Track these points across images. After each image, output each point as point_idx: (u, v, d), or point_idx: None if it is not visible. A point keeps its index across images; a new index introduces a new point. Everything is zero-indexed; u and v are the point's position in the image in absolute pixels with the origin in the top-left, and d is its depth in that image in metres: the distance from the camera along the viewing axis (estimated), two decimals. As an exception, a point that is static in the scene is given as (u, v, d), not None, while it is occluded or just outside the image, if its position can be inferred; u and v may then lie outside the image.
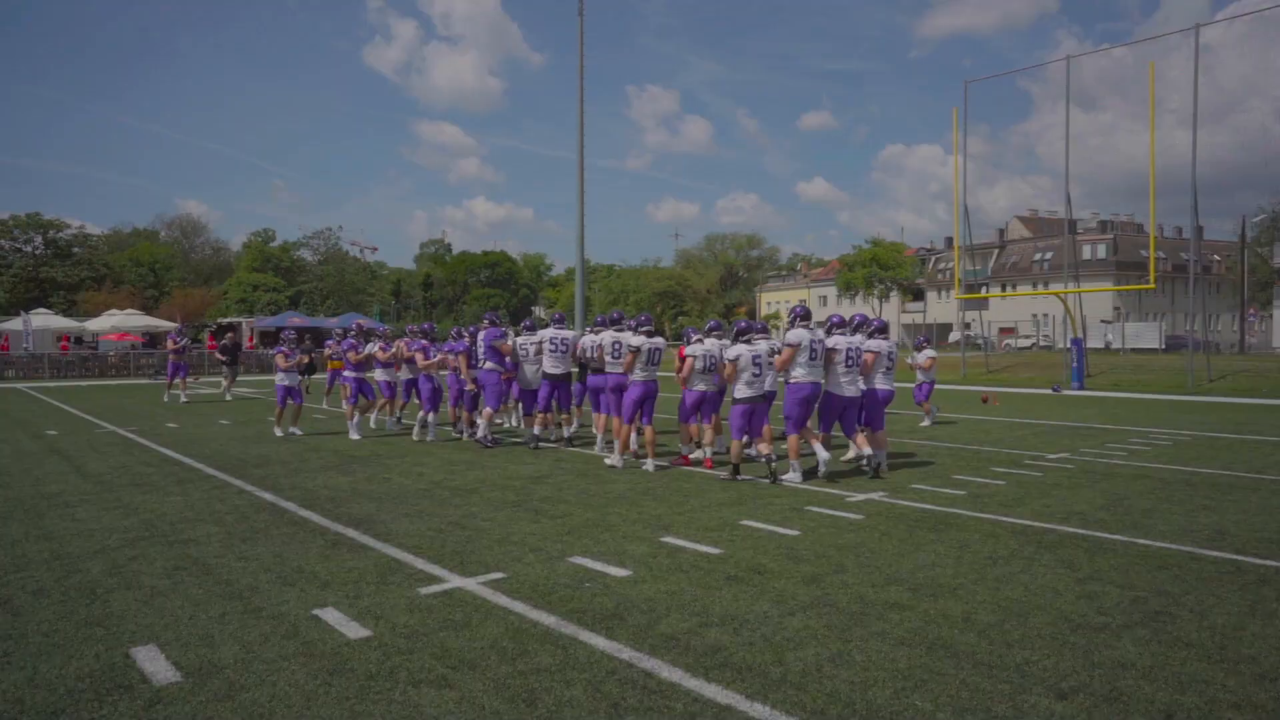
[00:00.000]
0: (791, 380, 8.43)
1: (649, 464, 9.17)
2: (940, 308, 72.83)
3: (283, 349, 13.09)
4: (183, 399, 19.31)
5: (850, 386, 8.68)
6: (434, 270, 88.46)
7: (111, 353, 33.43)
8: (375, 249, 78.73)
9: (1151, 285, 24.91)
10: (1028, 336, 58.48)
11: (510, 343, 11.43)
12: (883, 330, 9.27)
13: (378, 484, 8.35)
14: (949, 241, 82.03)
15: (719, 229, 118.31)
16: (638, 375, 9.36)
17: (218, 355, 23.56)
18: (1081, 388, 23.87)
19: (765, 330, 9.23)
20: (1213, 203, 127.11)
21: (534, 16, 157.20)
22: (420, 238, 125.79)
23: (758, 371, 8.50)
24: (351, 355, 12.58)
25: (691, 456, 9.79)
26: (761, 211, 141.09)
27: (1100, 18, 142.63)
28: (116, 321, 37.14)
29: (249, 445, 11.56)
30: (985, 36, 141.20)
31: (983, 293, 68.69)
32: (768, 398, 9.00)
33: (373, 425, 13.56)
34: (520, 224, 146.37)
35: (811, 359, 8.41)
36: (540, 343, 11.08)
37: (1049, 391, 23.44)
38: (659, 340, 9.62)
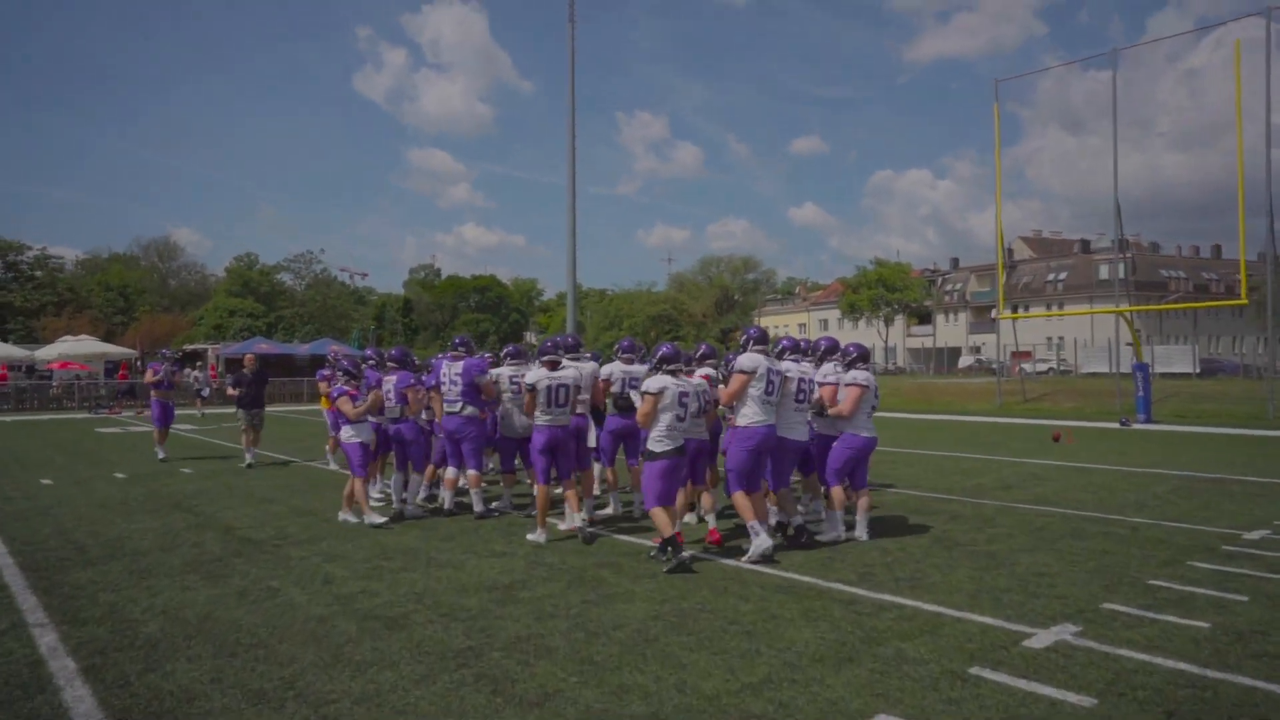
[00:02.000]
0: (740, 423, 6.51)
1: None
2: (949, 331, 70.13)
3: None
4: (160, 455, 13.49)
5: (799, 427, 6.91)
6: (422, 295, 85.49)
7: (54, 384, 30.22)
8: (365, 275, 76.23)
9: (1243, 301, 21.97)
10: (1044, 361, 55.62)
11: (493, 379, 8.45)
12: (863, 359, 7.38)
13: (253, 601, 5.26)
14: (954, 262, 79.58)
15: (711, 253, 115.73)
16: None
17: (229, 390, 17.00)
18: (1149, 420, 20.90)
19: (712, 357, 7.92)
20: (1218, 224, 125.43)
21: (523, 44, 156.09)
22: (411, 263, 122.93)
23: (681, 415, 6.41)
24: (345, 405, 8.10)
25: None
26: (752, 236, 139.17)
27: (1086, 43, 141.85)
28: (64, 349, 33.88)
29: (122, 516, 8.45)
30: (972, 61, 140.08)
31: (1018, 312, 66.05)
32: (703, 448, 7.28)
33: (403, 507, 8.68)
34: (511, 250, 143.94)
35: (768, 394, 6.52)
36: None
37: (1116, 425, 20.45)
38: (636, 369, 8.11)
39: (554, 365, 7.49)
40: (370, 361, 9.59)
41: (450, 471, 8.59)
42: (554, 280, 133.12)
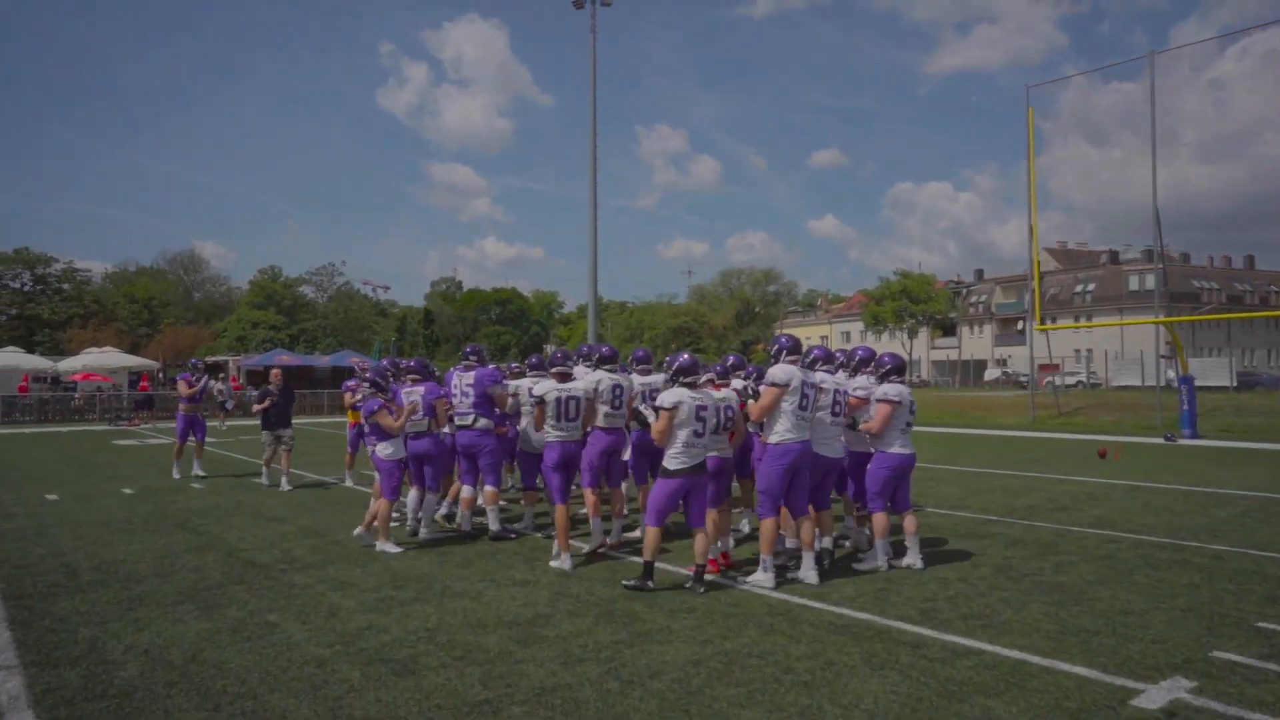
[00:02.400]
0: (772, 440, 5.99)
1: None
2: (973, 343, 69.02)
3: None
4: (199, 471, 12.60)
5: (833, 443, 6.52)
6: (443, 307, 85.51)
7: (76, 395, 30.11)
8: (388, 288, 76.40)
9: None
10: (1073, 374, 54.41)
11: (509, 390, 7.93)
12: (898, 371, 6.81)
13: (247, 639, 4.73)
14: (978, 274, 78.45)
15: (731, 266, 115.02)
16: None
17: (254, 406, 14.08)
18: (1195, 435, 20.02)
19: (741, 368, 7.33)
20: (1248, 235, 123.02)
21: (542, 59, 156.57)
22: (432, 277, 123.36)
23: (699, 431, 5.86)
24: (385, 419, 7.44)
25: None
26: (771, 249, 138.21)
27: (1108, 55, 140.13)
28: (88, 361, 33.85)
29: (124, 536, 7.99)
30: (993, 73, 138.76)
31: (1049, 324, 64.73)
32: (725, 466, 6.58)
33: (418, 529, 8.08)
34: (531, 263, 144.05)
35: (802, 408, 6.01)
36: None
37: (1161, 441, 19.59)
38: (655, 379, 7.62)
39: (564, 376, 7.02)
40: (389, 372, 9.10)
41: (466, 490, 8.08)
42: (574, 292, 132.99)
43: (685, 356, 6.11)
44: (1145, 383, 43.57)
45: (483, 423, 7.74)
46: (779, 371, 5.99)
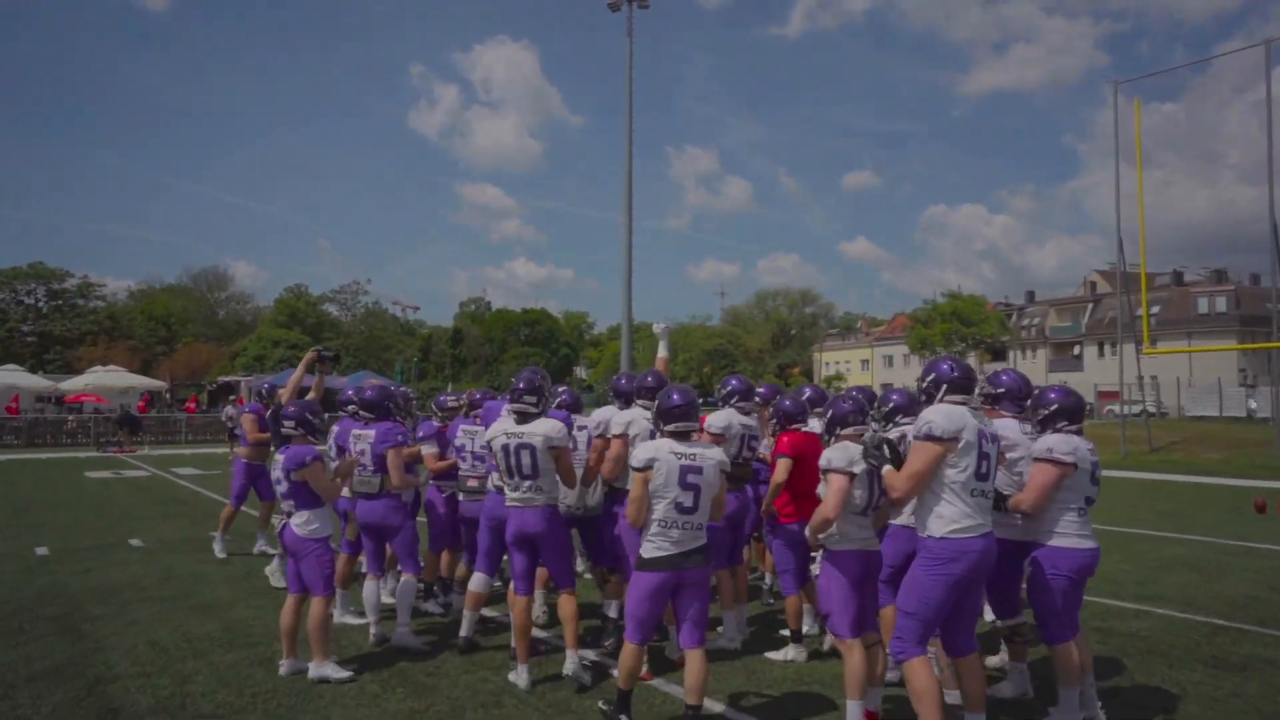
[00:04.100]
0: (932, 532, 3.77)
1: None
2: (1026, 369, 65.43)
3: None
4: (266, 547, 8.55)
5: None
6: (471, 328, 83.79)
7: (70, 417, 28.10)
8: (417, 308, 74.64)
9: None
10: (1136, 402, 50.74)
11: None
12: (1071, 415, 4.34)
13: None
14: (1029, 296, 75.01)
15: (763, 288, 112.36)
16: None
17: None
18: (1343, 481, 16.89)
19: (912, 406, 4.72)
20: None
21: (572, 80, 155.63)
22: (461, 298, 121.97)
23: (686, 504, 4.09)
24: (318, 477, 5.02)
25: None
26: (804, 271, 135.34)
27: (1149, 69, 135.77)
28: (90, 380, 31.91)
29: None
30: (1029, 92, 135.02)
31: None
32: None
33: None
34: (561, 284, 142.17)
35: (980, 477, 3.78)
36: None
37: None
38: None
39: (522, 415, 4.90)
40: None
41: (478, 579, 5.46)
42: (604, 314, 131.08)
43: (667, 387, 4.49)
44: (1224, 413, 40.21)
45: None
46: (940, 417, 3.71)
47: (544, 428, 4.82)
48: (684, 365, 76.61)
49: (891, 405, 4.89)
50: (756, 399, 5.94)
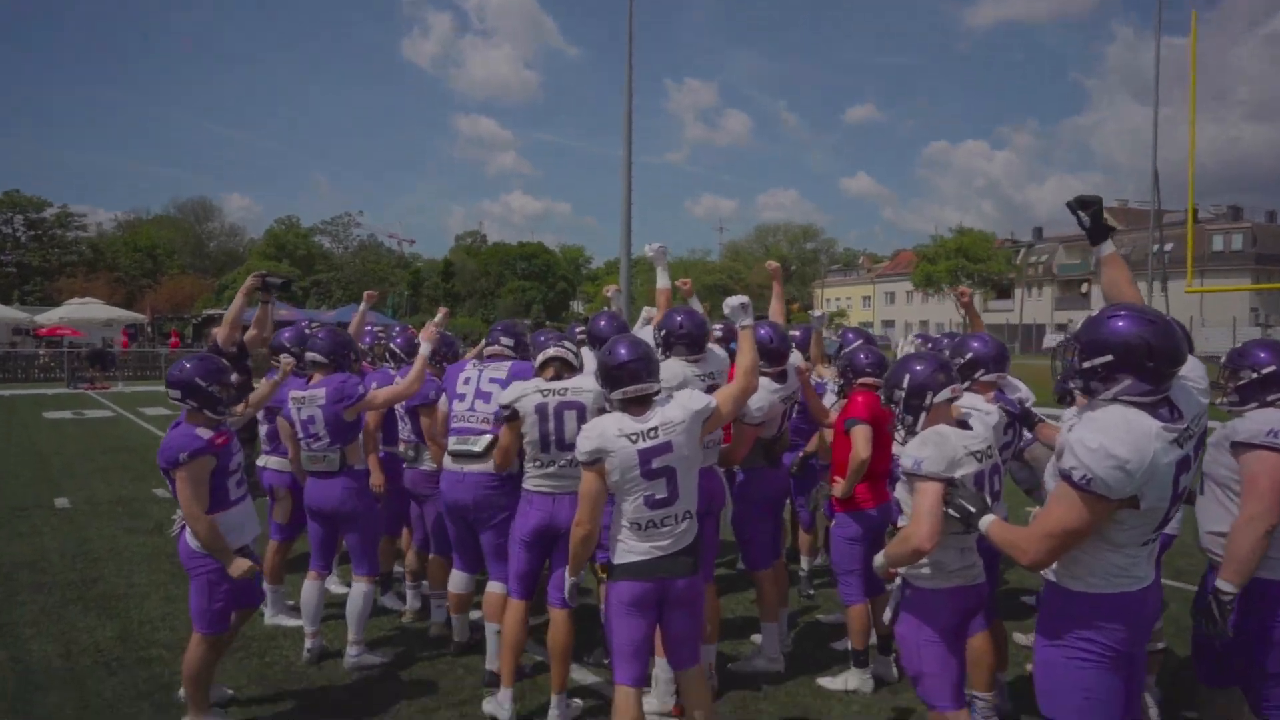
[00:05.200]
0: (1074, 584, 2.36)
1: None
2: (1031, 307, 64.05)
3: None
4: (285, 620, 5.04)
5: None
6: (467, 261, 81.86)
7: (43, 352, 26.81)
8: (413, 242, 72.75)
9: None
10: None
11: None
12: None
13: None
14: (1037, 233, 73.15)
15: (764, 222, 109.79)
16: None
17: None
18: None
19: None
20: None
21: (568, 9, 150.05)
22: (458, 231, 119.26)
23: (658, 496, 3.04)
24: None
25: None
26: (803, 208, 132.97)
27: (1162, 6, 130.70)
28: (66, 313, 30.52)
29: None
30: (1037, 26, 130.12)
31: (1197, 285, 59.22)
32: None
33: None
34: (558, 218, 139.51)
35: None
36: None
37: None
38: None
39: (559, 368, 3.87)
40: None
41: (458, 578, 4.48)
42: (601, 248, 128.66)
43: (602, 322, 4.44)
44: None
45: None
46: (1125, 450, 2.21)
47: (593, 382, 3.61)
48: (683, 301, 75.17)
49: (970, 357, 3.75)
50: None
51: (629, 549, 3.02)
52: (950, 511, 2.64)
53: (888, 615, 2.99)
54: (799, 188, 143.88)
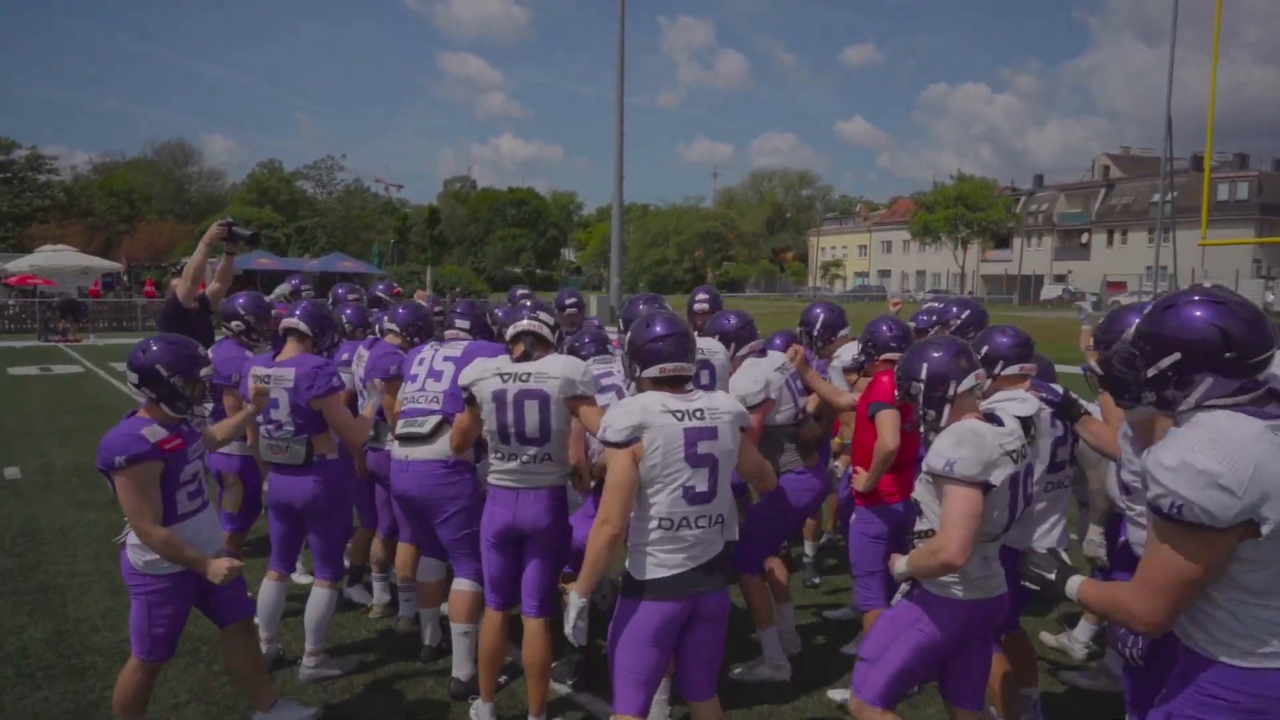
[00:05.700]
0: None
1: None
2: (1031, 257, 63.39)
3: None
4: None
5: None
6: (455, 207, 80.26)
7: (12, 302, 25.89)
8: (401, 186, 71.19)
9: None
10: (1145, 293, 49.04)
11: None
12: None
13: None
14: (1038, 180, 72.05)
15: (756, 168, 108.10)
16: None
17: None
18: None
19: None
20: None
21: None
22: (446, 176, 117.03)
23: (698, 489, 2.60)
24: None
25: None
26: (799, 152, 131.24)
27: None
28: (36, 261, 29.46)
29: None
30: None
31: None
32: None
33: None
34: (549, 162, 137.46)
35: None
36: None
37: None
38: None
39: (530, 344, 3.26)
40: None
41: (428, 565, 3.99)
42: (593, 194, 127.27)
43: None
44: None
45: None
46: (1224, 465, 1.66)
47: (561, 366, 3.14)
48: (676, 249, 74.20)
49: (985, 351, 3.16)
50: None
51: (660, 561, 2.55)
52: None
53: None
54: (795, 131, 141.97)
